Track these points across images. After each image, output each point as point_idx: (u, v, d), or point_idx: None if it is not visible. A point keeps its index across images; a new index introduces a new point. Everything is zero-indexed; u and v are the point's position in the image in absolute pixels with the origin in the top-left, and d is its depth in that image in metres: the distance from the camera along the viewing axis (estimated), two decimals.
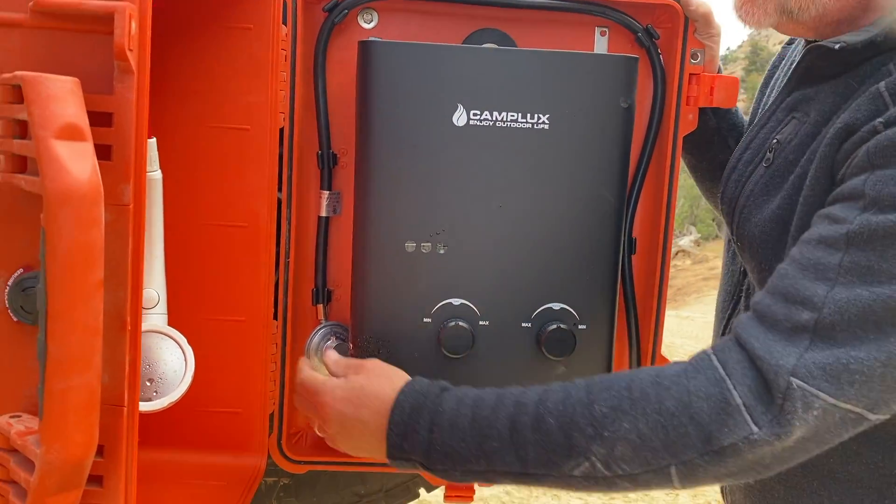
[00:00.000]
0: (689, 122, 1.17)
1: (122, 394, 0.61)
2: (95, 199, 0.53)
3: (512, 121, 1.05)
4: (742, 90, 1.25)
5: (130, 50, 0.57)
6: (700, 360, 0.83)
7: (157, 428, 1.00)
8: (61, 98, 0.53)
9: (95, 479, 0.61)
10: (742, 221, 1.03)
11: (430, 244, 1.06)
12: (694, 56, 1.15)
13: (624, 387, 0.82)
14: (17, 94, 0.54)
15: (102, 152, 0.58)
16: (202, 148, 1.11)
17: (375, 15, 1.18)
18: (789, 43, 1.24)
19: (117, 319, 0.60)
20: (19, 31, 0.59)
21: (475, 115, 1.05)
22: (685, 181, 1.62)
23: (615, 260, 1.10)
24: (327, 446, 1.24)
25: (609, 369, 1.14)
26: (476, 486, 1.26)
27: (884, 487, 0.87)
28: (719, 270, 1.31)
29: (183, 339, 0.94)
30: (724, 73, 1.20)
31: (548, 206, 1.07)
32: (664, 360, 1.22)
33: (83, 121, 0.54)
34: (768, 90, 1.23)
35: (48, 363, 0.53)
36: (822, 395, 0.74)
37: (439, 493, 1.34)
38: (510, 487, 3.72)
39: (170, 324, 1.01)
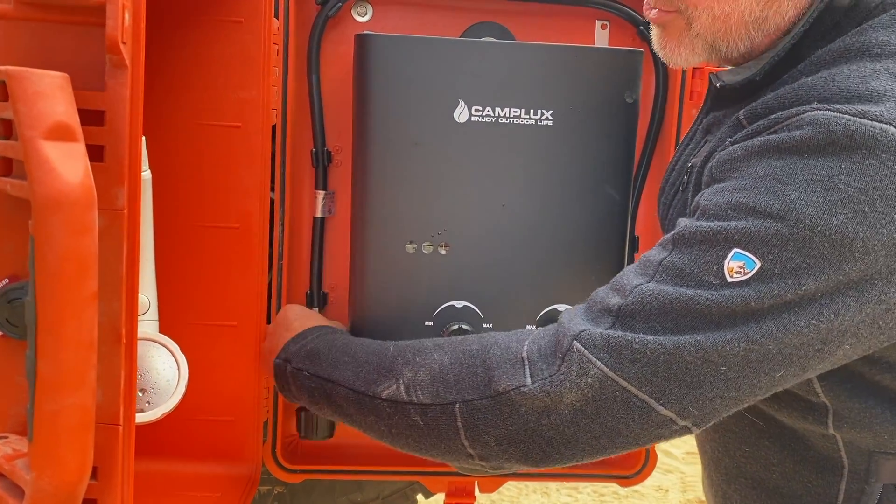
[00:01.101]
0: (692, 117, 1.14)
1: (118, 411, 0.57)
2: (88, 204, 0.49)
3: (515, 117, 1.02)
4: None
5: (124, 43, 0.53)
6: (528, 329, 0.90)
7: (148, 437, 0.95)
8: (50, 95, 0.48)
9: (89, 503, 0.57)
10: None
11: (431, 245, 1.03)
12: None
13: (462, 337, 0.90)
14: (2, 90, 0.50)
15: (94, 153, 0.53)
16: (192, 146, 1.07)
17: (370, 8, 1.15)
18: None
19: (112, 332, 0.56)
20: (3, 23, 0.54)
21: (477, 110, 1.02)
22: None
23: (621, 259, 1.07)
24: (324, 454, 1.22)
25: None
26: (477, 492, 1.23)
27: None
28: None
29: (176, 347, 0.90)
30: None
31: (552, 204, 1.04)
32: None
33: (74, 119, 0.49)
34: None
35: (38, 381, 0.49)
36: (599, 363, 0.75)
37: (437, 499, 1.31)
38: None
39: (160, 330, 0.96)
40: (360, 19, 1.15)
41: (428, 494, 1.52)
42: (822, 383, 0.81)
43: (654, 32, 0.90)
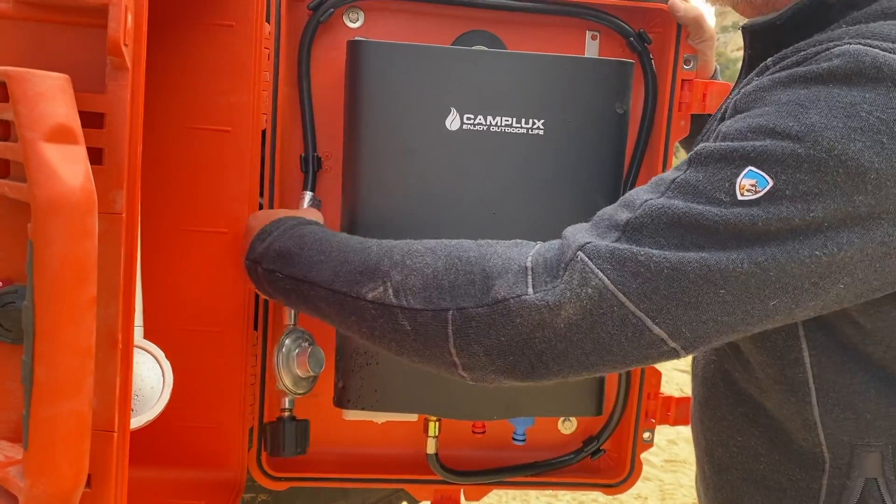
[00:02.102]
0: (681, 128, 1.16)
1: (113, 418, 0.56)
2: (89, 208, 0.48)
3: (506, 125, 1.02)
4: None
5: (126, 45, 0.52)
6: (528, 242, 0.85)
7: (132, 444, 0.94)
8: (51, 97, 0.48)
9: None
10: None
11: None
12: (686, 62, 1.13)
13: (455, 242, 0.86)
14: (2, 91, 0.49)
15: (93, 156, 0.53)
16: (181, 150, 1.06)
17: (361, 14, 1.15)
18: None
19: (108, 337, 0.55)
20: (2, 23, 0.53)
21: (469, 119, 1.02)
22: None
23: None
24: (308, 462, 1.21)
25: (603, 381, 1.12)
26: (462, 500, 1.23)
27: (805, 500, 0.88)
28: None
29: (161, 354, 0.89)
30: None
31: (542, 212, 1.04)
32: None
33: (75, 122, 0.49)
34: None
35: (34, 388, 0.48)
36: (600, 274, 0.73)
37: None
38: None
39: (144, 335, 0.95)
40: (351, 25, 1.15)
41: (413, 502, 1.51)
42: (812, 352, 0.82)
43: None
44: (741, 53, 0.99)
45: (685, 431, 3.80)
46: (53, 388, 0.49)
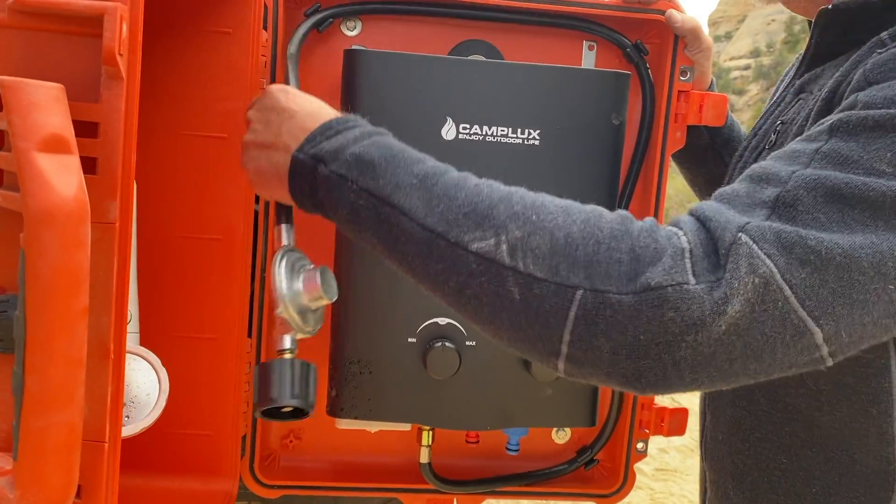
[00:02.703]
0: (676, 139, 1.16)
1: (104, 428, 0.56)
2: (82, 218, 0.48)
3: (502, 135, 1.02)
4: None
5: (121, 55, 0.52)
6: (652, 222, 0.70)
7: (125, 451, 0.94)
8: (45, 106, 0.48)
9: None
10: None
11: None
12: (683, 73, 1.14)
13: (591, 207, 0.70)
14: None
15: (87, 165, 0.53)
16: (177, 157, 1.06)
17: (359, 23, 1.15)
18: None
19: (100, 347, 0.55)
20: None
21: (465, 128, 1.02)
22: (677, 181, 1.60)
23: None
24: (301, 470, 1.20)
25: (597, 391, 1.12)
26: None
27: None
28: None
29: (157, 361, 0.89)
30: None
31: None
32: None
33: (69, 131, 0.49)
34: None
35: (25, 398, 0.48)
36: (768, 262, 0.61)
37: None
38: None
39: (140, 342, 0.95)
40: (349, 34, 1.15)
41: None
42: None
43: None
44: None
45: (676, 440, 3.80)
46: (44, 399, 0.48)
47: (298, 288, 0.83)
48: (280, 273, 0.82)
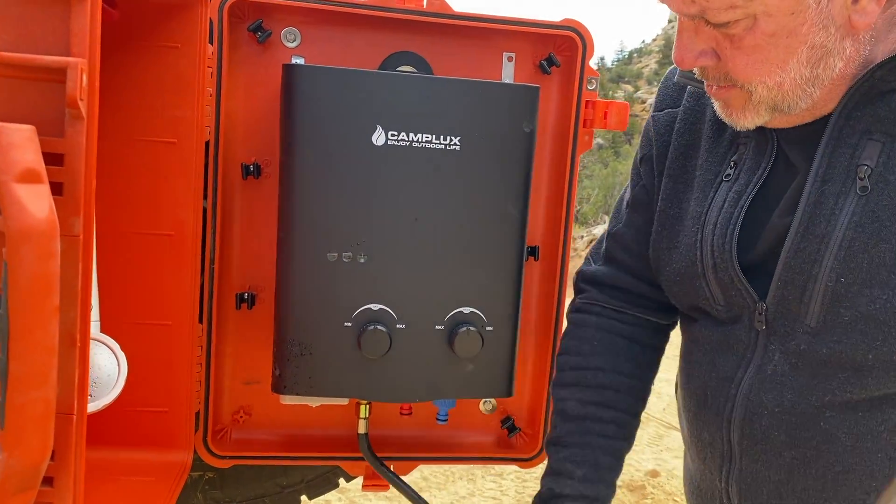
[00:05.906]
0: (585, 142, 1.30)
1: (73, 403, 0.68)
2: (52, 235, 0.60)
3: (427, 142, 1.15)
4: (656, 83, 1.36)
5: (81, 100, 0.63)
6: None
7: (89, 428, 1.06)
8: (20, 145, 0.59)
9: (47, 480, 0.68)
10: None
11: (351, 254, 1.15)
12: (590, 83, 1.27)
13: None
14: None
15: (55, 188, 0.64)
16: (131, 160, 1.16)
17: (298, 34, 1.26)
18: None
19: (68, 337, 0.67)
20: None
21: (393, 135, 1.14)
22: (598, 171, 1.74)
23: (519, 266, 1.21)
24: (251, 442, 1.33)
25: (513, 366, 1.26)
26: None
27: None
28: None
29: (116, 346, 1.00)
30: (636, 68, 1.31)
31: (459, 219, 1.17)
32: None
33: (40, 165, 0.60)
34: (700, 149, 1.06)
35: (9, 380, 0.60)
36: None
37: (357, 482, 1.43)
38: (427, 472, 3.86)
39: (101, 329, 1.06)
40: (289, 45, 1.26)
41: (348, 478, 1.64)
42: None
43: (718, 105, 0.92)
44: None
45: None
46: (24, 380, 0.60)
47: None
48: None
